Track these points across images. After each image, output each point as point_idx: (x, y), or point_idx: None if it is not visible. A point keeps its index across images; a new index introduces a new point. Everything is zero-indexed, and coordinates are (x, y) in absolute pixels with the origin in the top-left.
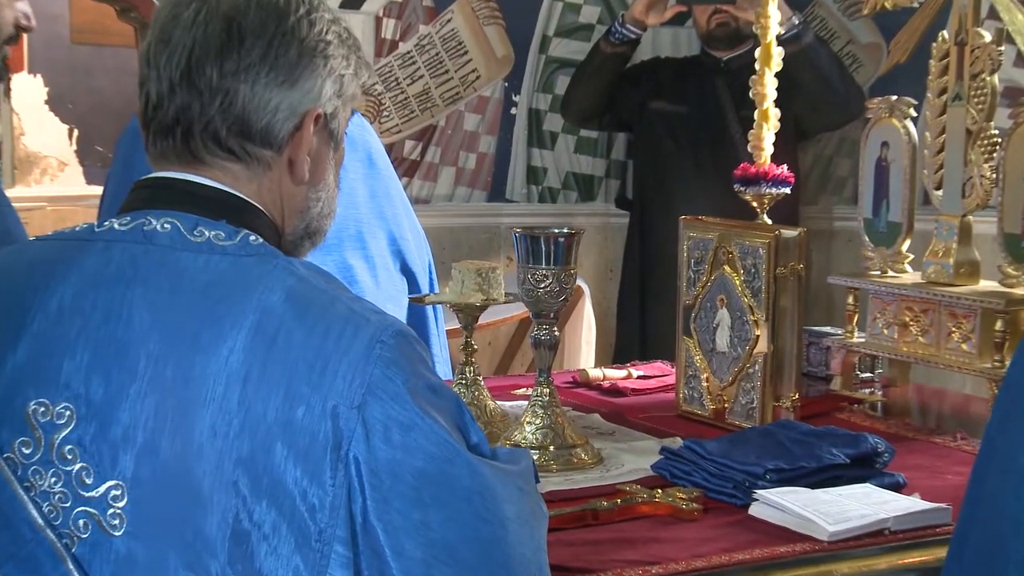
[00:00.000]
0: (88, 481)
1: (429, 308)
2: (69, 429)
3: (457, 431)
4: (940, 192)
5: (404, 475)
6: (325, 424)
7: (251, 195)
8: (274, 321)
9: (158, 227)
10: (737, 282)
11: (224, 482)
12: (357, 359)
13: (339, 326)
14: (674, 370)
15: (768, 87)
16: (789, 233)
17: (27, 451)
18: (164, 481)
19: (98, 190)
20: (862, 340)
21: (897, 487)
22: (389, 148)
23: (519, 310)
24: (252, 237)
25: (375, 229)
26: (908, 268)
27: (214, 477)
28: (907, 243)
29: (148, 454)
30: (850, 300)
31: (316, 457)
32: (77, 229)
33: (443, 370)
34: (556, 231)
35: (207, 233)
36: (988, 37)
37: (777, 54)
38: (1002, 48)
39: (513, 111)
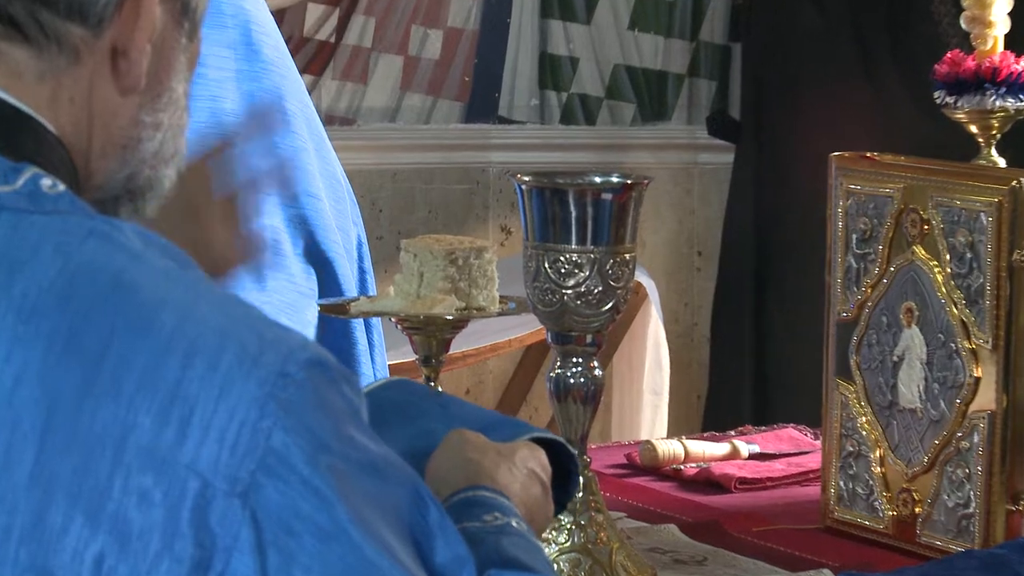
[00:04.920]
0: None
1: (358, 325)
2: None
3: (409, 545)
4: None
5: None
6: (180, 520)
7: (38, 106)
8: (94, 332)
9: None
10: (939, 278)
11: None
12: (242, 407)
13: (211, 347)
14: (818, 443)
15: None
16: None
17: None
18: None
19: None
20: None
21: None
22: (280, 21)
23: (527, 328)
24: (46, 180)
25: None
26: None
27: None
28: None
29: None
30: None
31: None
32: None
33: None
34: (597, 181)
35: None
36: None
37: None
38: None
39: None
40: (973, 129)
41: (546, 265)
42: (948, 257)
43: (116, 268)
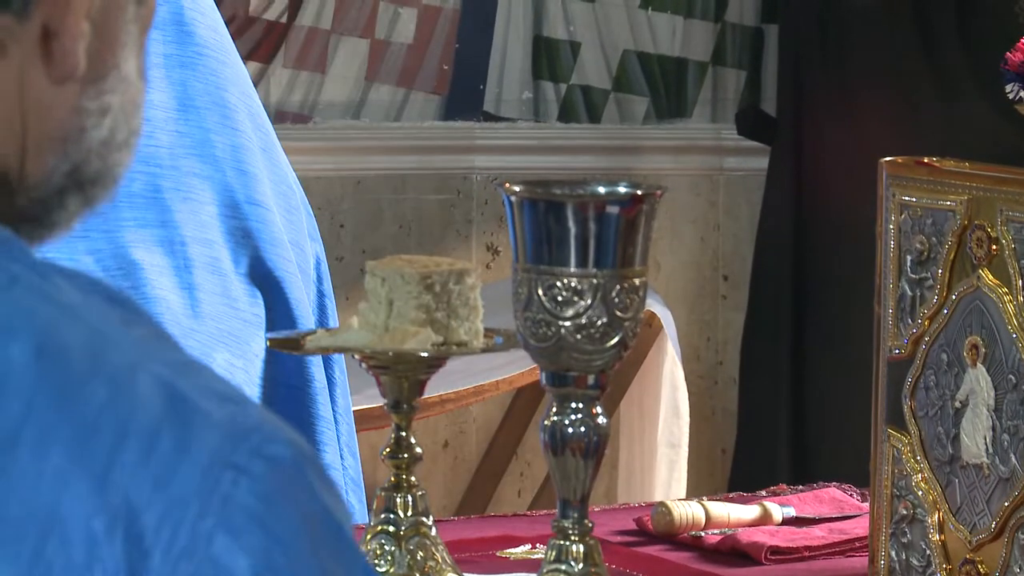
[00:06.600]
0: None
1: (315, 359)
2: None
3: None
4: None
5: None
6: None
7: None
8: (14, 411)
9: None
10: (1010, 308)
11: None
12: (179, 504)
13: (146, 428)
14: (866, 506)
15: None
16: None
17: None
18: None
19: None
20: None
21: None
22: None
23: (517, 368)
24: None
25: (190, 181)
26: None
27: None
28: None
29: None
30: None
31: None
32: None
33: (351, 499)
34: (601, 191)
35: None
36: None
37: None
38: None
39: None
40: None
41: (540, 292)
42: (1020, 283)
43: (41, 326)
